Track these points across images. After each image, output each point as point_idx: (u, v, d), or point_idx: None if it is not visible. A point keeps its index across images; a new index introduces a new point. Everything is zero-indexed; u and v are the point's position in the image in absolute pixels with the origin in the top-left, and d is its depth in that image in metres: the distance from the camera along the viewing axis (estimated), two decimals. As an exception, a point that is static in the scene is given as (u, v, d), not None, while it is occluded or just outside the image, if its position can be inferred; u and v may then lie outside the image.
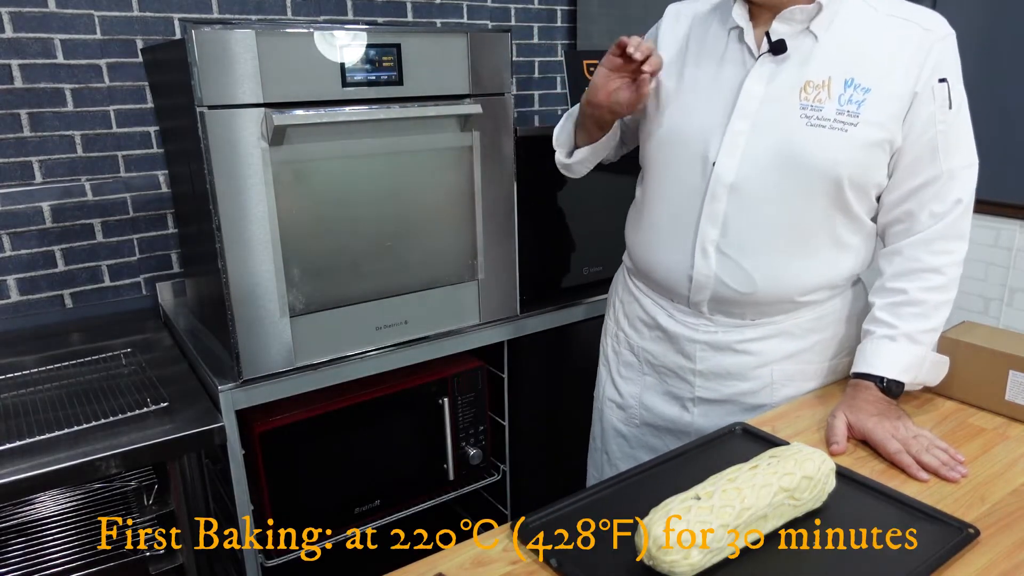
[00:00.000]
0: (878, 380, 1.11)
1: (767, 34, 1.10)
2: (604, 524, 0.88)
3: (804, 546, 0.84)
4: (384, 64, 1.34)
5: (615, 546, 0.84)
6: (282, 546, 1.51)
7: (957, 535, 0.85)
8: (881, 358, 1.12)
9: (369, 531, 1.62)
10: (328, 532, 1.56)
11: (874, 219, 1.17)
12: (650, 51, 1.10)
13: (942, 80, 1.06)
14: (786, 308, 1.18)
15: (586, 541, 0.85)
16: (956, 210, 1.10)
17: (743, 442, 1.08)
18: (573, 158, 1.31)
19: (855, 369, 1.15)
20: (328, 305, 1.40)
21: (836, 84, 1.08)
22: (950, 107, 1.07)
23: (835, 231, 1.14)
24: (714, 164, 1.13)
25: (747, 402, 1.23)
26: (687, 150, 1.16)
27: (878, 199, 1.15)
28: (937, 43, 1.07)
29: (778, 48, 1.10)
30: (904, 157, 1.09)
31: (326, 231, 1.36)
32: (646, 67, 1.10)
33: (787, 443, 0.97)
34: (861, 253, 1.18)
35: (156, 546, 1.32)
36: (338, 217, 1.37)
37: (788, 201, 1.11)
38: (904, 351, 1.12)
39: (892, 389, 1.11)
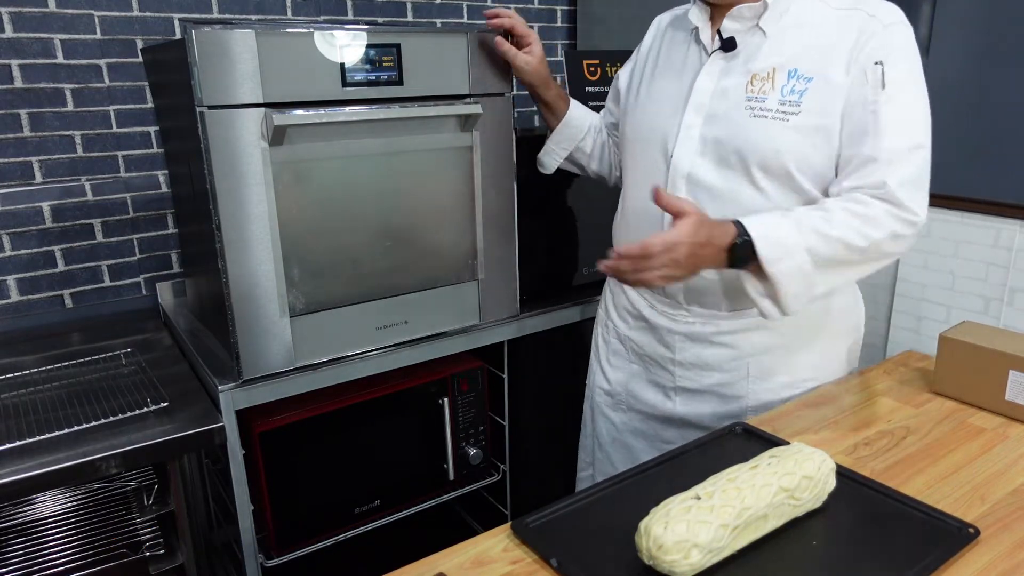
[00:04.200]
0: (739, 227, 1.03)
1: (719, 32, 1.17)
2: (604, 524, 0.88)
3: (804, 546, 0.84)
4: (384, 64, 1.34)
5: (615, 546, 0.84)
6: (282, 546, 1.51)
7: (957, 535, 0.85)
8: (755, 217, 1.06)
9: (369, 531, 1.62)
10: (328, 532, 1.56)
11: None
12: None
13: (878, 63, 1.06)
14: None
15: (586, 541, 0.85)
16: (883, 190, 1.05)
17: (743, 442, 1.08)
18: (541, 151, 1.48)
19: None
20: (328, 305, 1.40)
21: (780, 76, 1.11)
22: (883, 88, 1.06)
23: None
24: (671, 156, 1.19)
25: (725, 393, 1.26)
26: (650, 146, 1.23)
27: None
28: (880, 29, 1.07)
29: (728, 45, 1.16)
30: (842, 139, 1.10)
31: (326, 231, 1.36)
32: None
33: (787, 443, 0.97)
34: None
35: (156, 546, 1.32)
36: (338, 217, 1.37)
37: (742, 189, 1.14)
38: (783, 226, 1.04)
39: (741, 232, 1.03)
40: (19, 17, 1.58)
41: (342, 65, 1.29)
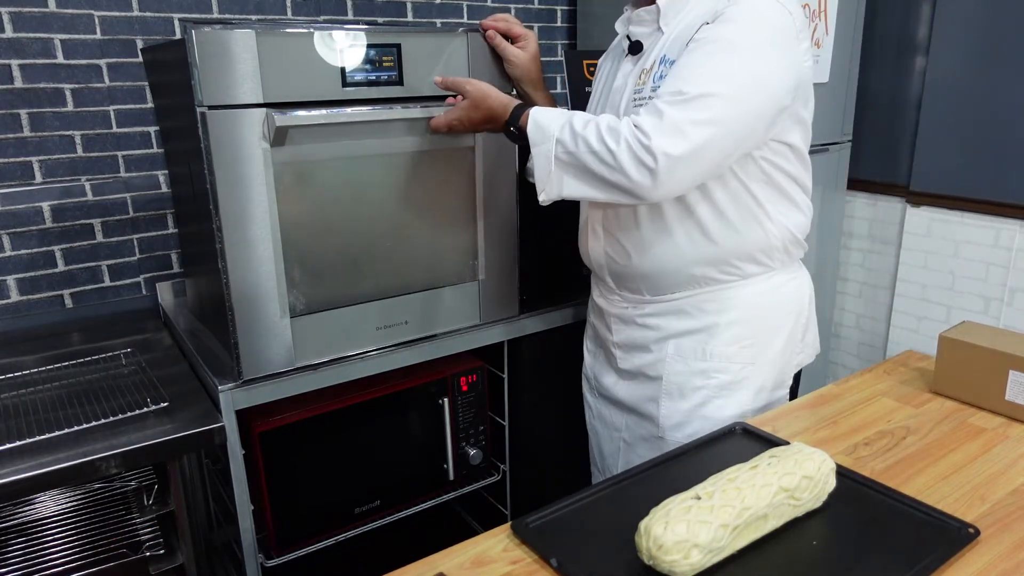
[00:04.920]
0: (516, 111, 1.19)
1: (628, 37, 1.26)
2: (604, 524, 0.88)
3: (804, 546, 0.84)
4: (384, 64, 1.34)
5: (615, 546, 0.84)
6: (282, 546, 1.51)
7: (957, 535, 0.85)
8: (543, 107, 1.20)
9: (369, 531, 1.62)
10: (328, 532, 1.56)
11: (757, 200, 1.19)
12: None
13: (706, 23, 1.09)
14: (679, 285, 1.25)
15: (586, 541, 0.85)
16: (642, 120, 1.04)
17: (743, 442, 1.08)
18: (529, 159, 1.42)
19: None
20: (328, 305, 1.40)
21: (657, 67, 1.16)
22: (689, 41, 1.09)
23: (688, 206, 1.19)
24: None
25: (649, 374, 1.31)
26: None
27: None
28: (729, 5, 1.08)
29: (634, 48, 1.24)
30: None
31: (327, 231, 1.36)
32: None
33: (787, 443, 0.97)
34: (735, 235, 1.19)
35: (156, 546, 1.32)
36: (339, 217, 1.37)
37: None
38: (553, 117, 1.15)
39: (509, 121, 1.20)
40: (19, 17, 1.58)
41: (342, 66, 1.29)
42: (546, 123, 1.14)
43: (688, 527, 0.77)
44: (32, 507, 1.34)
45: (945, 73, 2.14)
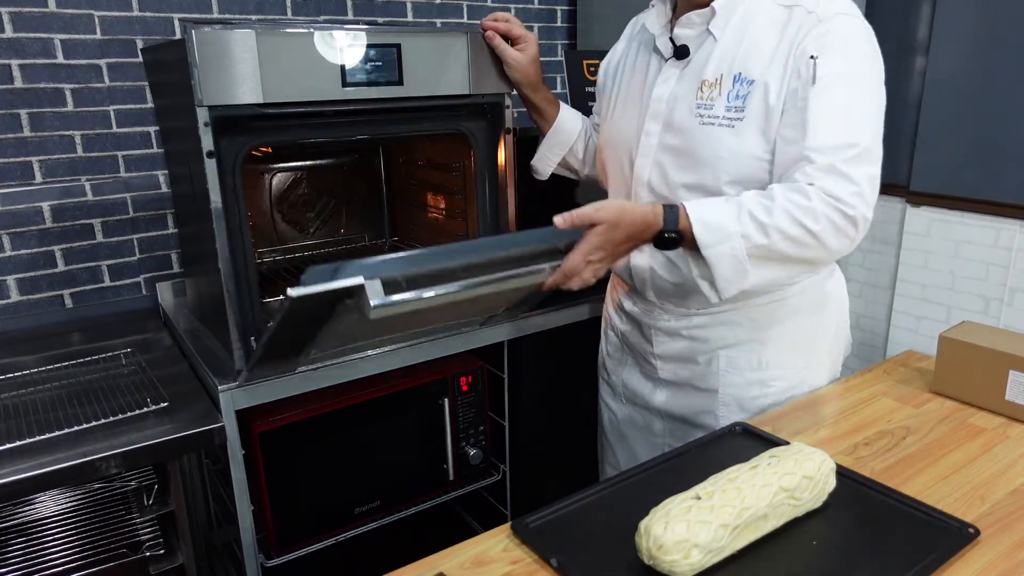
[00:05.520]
0: (671, 208, 1.03)
1: (671, 39, 1.18)
2: (604, 524, 0.88)
3: (804, 546, 0.84)
4: (384, 64, 1.34)
5: (615, 546, 0.84)
6: (282, 546, 1.51)
7: (957, 535, 0.85)
8: (699, 202, 1.05)
9: (369, 531, 1.62)
10: (328, 532, 1.56)
11: None
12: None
13: (812, 57, 1.03)
14: (731, 298, 1.16)
15: (586, 541, 0.85)
16: (830, 188, 1.01)
17: (743, 442, 1.08)
18: (534, 157, 1.48)
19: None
20: (328, 305, 1.40)
21: (727, 81, 1.11)
22: (813, 83, 1.03)
23: None
24: (633, 165, 1.22)
25: (700, 385, 1.28)
26: (617, 154, 1.28)
27: None
28: (818, 24, 1.04)
29: (680, 53, 1.16)
30: (776, 139, 1.08)
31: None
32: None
33: (787, 443, 0.97)
34: None
35: (156, 546, 1.32)
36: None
37: (696, 195, 1.14)
38: (721, 209, 1.03)
39: (669, 219, 1.02)
40: (19, 17, 1.58)
41: (342, 65, 1.29)
42: (718, 220, 1.02)
43: (688, 527, 0.77)
44: (32, 507, 1.34)
45: (945, 73, 2.14)
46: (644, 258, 1.24)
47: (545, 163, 1.49)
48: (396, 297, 0.87)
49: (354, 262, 0.85)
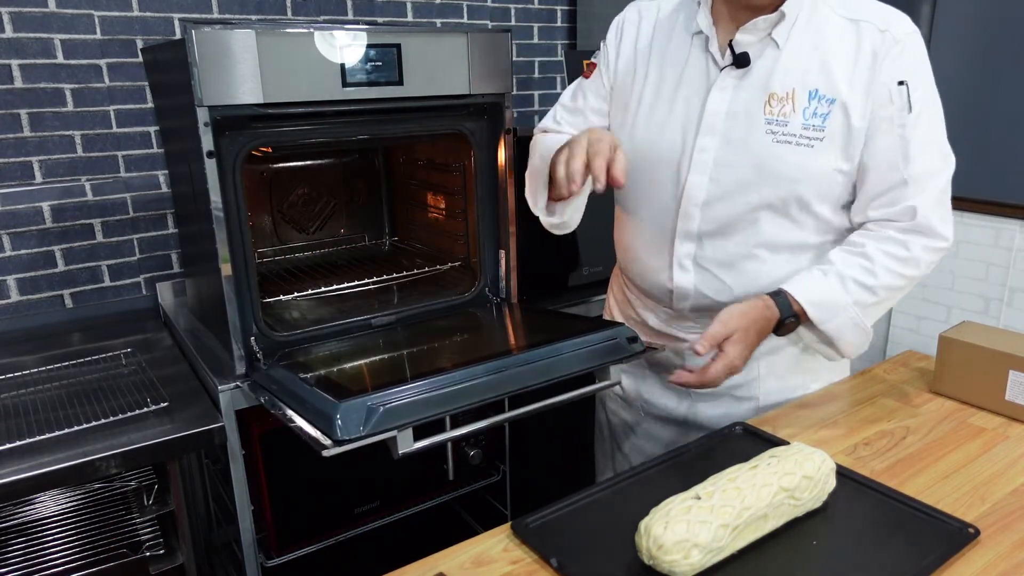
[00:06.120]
0: (780, 299, 1.06)
1: (730, 45, 1.07)
2: (604, 524, 0.88)
3: (804, 546, 0.84)
4: (384, 64, 1.33)
5: (615, 546, 0.84)
6: (282, 546, 1.51)
7: (957, 535, 0.85)
8: (802, 282, 1.07)
9: (369, 531, 1.62)
10: (328, 532, 1.56)
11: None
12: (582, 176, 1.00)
13: (901, 83, 1.04)
14: None
15: (586, 541, 0.85)
16: (919, 215, 1.06)
17: (743, 442, 1.08)
18: (562, 216, 1.20)
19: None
20: (328, 305, 1.40)
21: (800, 96, 1.05)
22: (910, 111, 1.04)
23: (807, 238, 1.13)
24: (684, 183, 1.12)
25: (738, 394, 1.25)
26: (658, 167, 1.15)
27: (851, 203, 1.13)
28: (895, 45, 1.03)
29: (742, 61, 1.07)
30: (867, 165, 1.07)
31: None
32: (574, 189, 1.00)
33: (787, 443, 0.97)
34: (836, 243, 1.16)
35: (156, 546, 1.32)
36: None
37: (760, 214, 1.10)
38: (827, 287, 1.07)
39: (784, 310, 1.06)
40: (19, 17, 1.58)
41: (342, 65, 1.29)
42: (827, 297, 1.05)
43: (688, 527, 0.77)
44: (32, 507, 1.34)
45: (945, 73, 2.14)
46: (689, 278, 1.17)
47: (579, 214, 1.25)
48: None
49: None
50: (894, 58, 1.03)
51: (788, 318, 1.06)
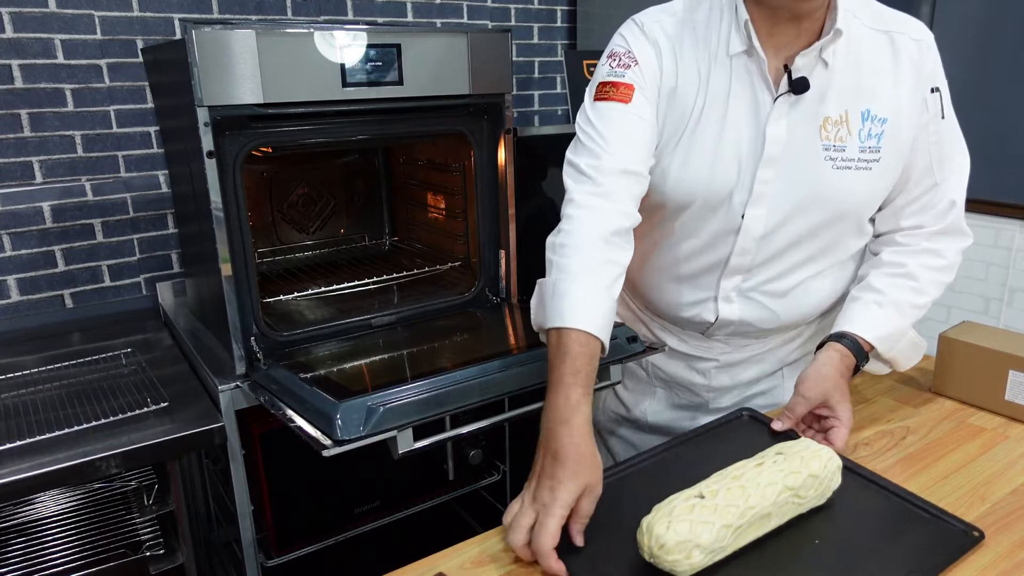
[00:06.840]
0: (850, 343, 1.07)
1: (786, 69, 0.99)
2: (605, 521, 0.88)
3: (807, 545, 0.84)
4: (384, 64, 1.33)
5: (616, 543, 0.84)
6: (282, 546, 1.51)
7: (962, 537, 0.85)
8: (863, 319, 1.09)
9: (369, 531, 1.62)
10: (328, 532, 1.56)
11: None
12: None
13: (934, 90, 1.05)
14: (810, 323, 1.21)
15: (587, 538, 0.85)
16: (951, 213, 1.09)
17: (749, 428, 1.07)
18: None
19: (835, 329, 1.10)
20: (328, 305, 1.40)
21: (854, 118, 1.02)
22: (942, 117, 1.05)
23: (850, 249, 1.14)
24: (743, 217, 1.05)
25: (758, 403, 1.23)
26: (708, 198, 1.05)
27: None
28: (926, 52, 1.04)
29: (800, 87, 0.99)
30: (907, 175, 1.08)
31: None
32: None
33: (796, 435, 0.96)
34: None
35: (156, 546, 1.32)
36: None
37: (812, 238, 1.09)
38: (888, 318, 1.09)
39: (859, 355, 1.07)
40: (19, 17, 1.57)
41: (342, 65, 1.29)
42: (891, 330, 1.08)
43: (691, 527, 0.77)
44: (32, 507, 1.34)
45: (945, 73, 2.14)
46: (734, 309, 1.13)
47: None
48: None
49: None
50: (929, 66, 1.05)
51: (862, 361, 1.08)
